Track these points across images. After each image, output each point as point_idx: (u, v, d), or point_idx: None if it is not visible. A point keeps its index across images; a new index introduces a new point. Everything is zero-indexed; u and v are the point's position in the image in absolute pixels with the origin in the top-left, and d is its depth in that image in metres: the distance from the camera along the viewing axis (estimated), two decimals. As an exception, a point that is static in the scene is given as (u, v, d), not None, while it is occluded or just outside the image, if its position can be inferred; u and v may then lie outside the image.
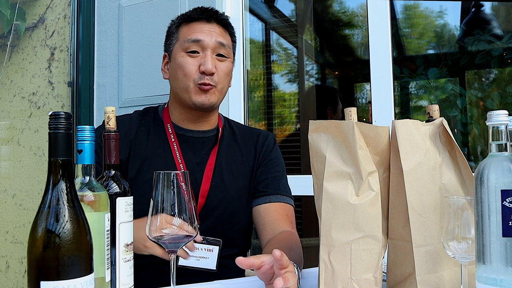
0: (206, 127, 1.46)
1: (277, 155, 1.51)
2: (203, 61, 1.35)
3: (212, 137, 1.46)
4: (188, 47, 1.37)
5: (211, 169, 1.40)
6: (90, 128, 0.88)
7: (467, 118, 2.72)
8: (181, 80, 1.37)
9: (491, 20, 2.84)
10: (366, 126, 0.91)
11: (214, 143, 1.44)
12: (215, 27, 1.40)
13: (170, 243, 0.93)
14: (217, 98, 1.39)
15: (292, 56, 3.34)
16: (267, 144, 1.49)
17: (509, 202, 0.75)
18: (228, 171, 1.42)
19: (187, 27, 1.40)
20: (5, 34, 2.75)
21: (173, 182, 0.94)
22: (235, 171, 1.43)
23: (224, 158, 1.43)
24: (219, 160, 1.42)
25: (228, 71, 1.41)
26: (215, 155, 1.42)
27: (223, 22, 1.42)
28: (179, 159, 1.39)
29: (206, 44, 1.36)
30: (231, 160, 1.44)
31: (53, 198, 0.70)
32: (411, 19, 3.19)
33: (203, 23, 1.39)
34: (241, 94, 2.31)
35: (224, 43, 1.39)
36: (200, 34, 1.37)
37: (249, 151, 1.47)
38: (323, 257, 0.89)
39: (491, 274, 0.76)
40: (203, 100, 1.36)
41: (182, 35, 1.40)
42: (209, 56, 1.36)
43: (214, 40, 1.37)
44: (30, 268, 0.69)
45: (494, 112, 0.80)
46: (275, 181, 1.44)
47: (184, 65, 1.37)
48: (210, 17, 1.40)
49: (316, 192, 0.93)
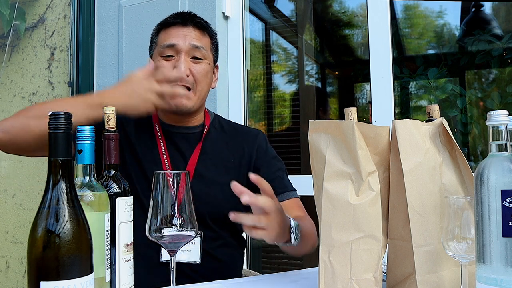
0: (191, 124, 1.49)
1: (272, 153, 1.54)
2: (176, 64, 1.38)
3: (197, 133, 1.49)
4: (163, 52, 1.41)
5: (194, 164, 1.42)
6: (90, 128, 0.88)
7: (467, 118, 2.72)
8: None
9: (491, 20, 2.84)
10: (366, 126, 0.91)
11: (199, 139, 1.47)
12: (190, 31, 1.42)
13: (170, 243, 0.93)
14: (193, 103, 1.41)
15: (292, 56, 3.34)
16: (259, 144, 1.51)
17: (509, 202, 0.75)
18: (213, 167, 1.44)
19: (164, 33, 1.44)
20: (5, 34, 2.75)
21: (173, 182, 0.94)
22: (220, 168, 1.45)
23: (209, 154, 1.46)
24: (202, 156, 1.44)
25: (205, 73, 1.43)
26: (199, 151, 1.44)
27: (200, 25, 1.44)
28: (164, 155, 1.42)
29: (180, 48, 1.39)
30: (217, 156, 1.46)
31: (53, 198, 0.70)
32: (411, 19, 3.19)
33: (179, 27, 1.42)
34: (241, 94, 2.31)
35: (198, 45, 1.41)
36: (175, 39, 1.40)
37: (238, 149, 1.49)
38: (323, 257, 0.89)
39: (491, 274, 0.76)
40: (178, 103, 1.38)
41: (160, 40, 1.44)
42: (182, 59, 1.38)
43: (188, 43, 1.40)
44: (30, 268, 0.69)
45: (494, 112, 0.80)
46: (280, 179, 1.47)
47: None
48: (186, 21, 1.42)
49: (316, 192, 0.94)
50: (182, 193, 0.94)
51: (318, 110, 3.20)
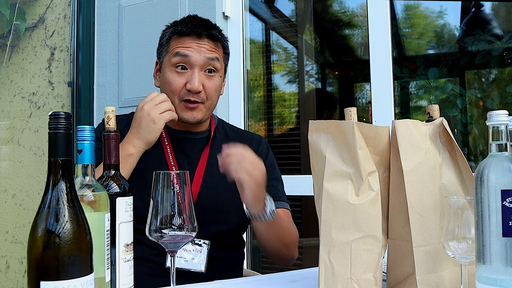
0: (198, 129, 1.48)
1: (272, 161, 1.54)
2: (190, 78, 1.37)
3: (204, 138, 1.48)
4: (176, 62, 1.38)
5: (202, 170, 1.41)
6: (90, 128, 0.88)
7: (467, 118, 2.72)
8: (168, 95, 1.39)
9: (491, 20, 2.84)
10: (366, 126, 0.91)
11: (206, 144, 1.46)
12: (205, 43, 1.39)
13: (170, 243, 0.93)
14: (203, 114, 1.41)
15: (292, 56, 3.34)
16: (261, 150, 1.51)
17: (509, 202, 0.75)
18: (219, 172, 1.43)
19: (177, 41, 1.41)
20: (5, 34, 2.75)
21: (173, 182, 0.94)
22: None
23: (216, 159, 1.44)
24: (210, 161, 1.43)
25: (216, 87, 1.42)
26: (207, 156, 1.44)
27: (215, 37, 1.42)
28: (171, 161, 1.41)
29: (194, 61, 1.37)
30: None
31: (53, 198, 0.70)
32: (411, 19, 3.19)
33: (193, 38, 1.39)
34: (241, 94, 2.31)
35: (213, 57, 1.40)
36: (189, 50, 1.38)
37: None
38: (323, 257, 0.89)
39: (491, 274, 0.76)
40: (189, 117, 1.39)
41: (172, 48, 1.41)
42: (196, 74, 1.36)
43: (203, 56, 1.38)
44: (30, 268, 0.69)
45: (494, 112, 0.80)
46: (274, 189, 1.47)
47: (171, 82, 1.39)
48: (201, 33, 1.39)
49: (316, 192, 0.94)
50: (182, 193, 0.94)
51: (323, 113, 3.19)
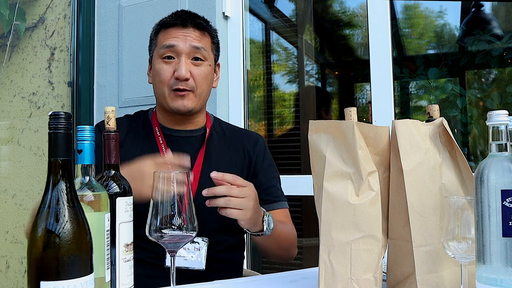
0: (192, 127, 1.48)
1: (270, 161, 1.54)
2: (177, 66, 1.38)
3: (199, 136, 1.48)
4: (163, 53, 1.40)
5: (199, 169, 1.41)
6: (90, 128, 0.88)
7: (467, 118, 2.72)
8: (158, 86, 1.41)
9: (491, 20, 2.84)
10: (366, 126, 0.91)
11: (202, 143, 1.46)
12: (190, 32, 1.41)
13: (170, 243, 0.93)
14: (194, 104, 1.41)
15: (292, 56, 3.34)
16: (259, 149, 1.51)
17: (509, 202, 0.75)
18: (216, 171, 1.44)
19: (163, 33, 1.43)
20: (5, 34, 2.75)
21: (173, 182, 0.94)
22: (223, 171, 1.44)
23: (213, 158, 1.44)
24: (207, 161, 1.43)
25: (205, 75, 1.42)
26: (203, 155, 1.44)
27: (200, 26, 1.43)
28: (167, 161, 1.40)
29: (180, 50, 1.38)
30: (219, 160, 1.45)
31: (53, 198, 0.70)
32: (411, 19, 3.19)
33: (179, 28, 1.41)
34: (241, 94, 2.31)
35: (199, 46, 1.40)
36: (174, 40, 1.39)
37: (238, 153, 1.49)
38: (323, 257, 0.89)
39: (491, 274, 0.76)
40: (179, 105, 1.39)
41: (159, 41, 1.43)
42: (183, 62, 1.38)
43: (189, 45, 1.39)
44: (30, 268, 0.69)
45: (494, 112, 0.80)
46: (274, 188, 1.49)
47: (160, 72, 1.40)
48: (186, 22, 1.41)
49: (316, 192, 0.93)
50: (182, 193, 0.94)
51: (321, 111, 3.21)
